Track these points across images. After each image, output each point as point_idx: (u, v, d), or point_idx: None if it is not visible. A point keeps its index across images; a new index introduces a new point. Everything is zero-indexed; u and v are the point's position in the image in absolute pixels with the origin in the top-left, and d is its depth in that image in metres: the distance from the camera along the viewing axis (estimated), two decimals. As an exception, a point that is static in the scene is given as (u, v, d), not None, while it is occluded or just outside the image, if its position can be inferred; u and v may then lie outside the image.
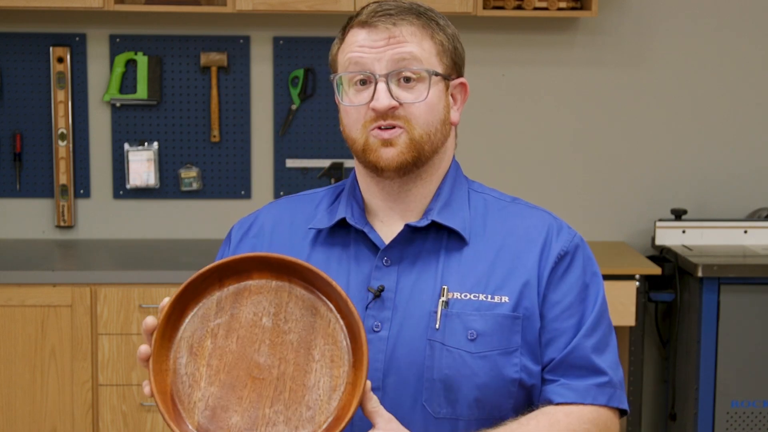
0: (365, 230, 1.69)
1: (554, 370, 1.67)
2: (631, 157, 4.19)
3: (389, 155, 1.64)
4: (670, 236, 4.07)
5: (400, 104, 1.63)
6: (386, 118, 1.63)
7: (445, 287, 1.64)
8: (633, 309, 3.69)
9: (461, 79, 1.73)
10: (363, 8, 1.69)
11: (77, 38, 4.04)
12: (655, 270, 3.77)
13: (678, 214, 4.08)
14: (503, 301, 1.65)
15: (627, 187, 4.21)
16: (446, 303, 1.64)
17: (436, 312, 1.64)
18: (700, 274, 3.70)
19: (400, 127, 1.64)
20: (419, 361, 1.63)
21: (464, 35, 1.56)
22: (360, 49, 1.65)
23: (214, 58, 4.06)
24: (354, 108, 1.66)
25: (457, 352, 1.63)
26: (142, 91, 4.05)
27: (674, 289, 3.89)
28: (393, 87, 1.64)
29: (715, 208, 4.22)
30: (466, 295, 1.65)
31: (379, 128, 1.64)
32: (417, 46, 1.65)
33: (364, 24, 1.66)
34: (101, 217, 4.12)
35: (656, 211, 4.19)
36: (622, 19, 4.14)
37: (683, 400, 3.90)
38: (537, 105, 4.17)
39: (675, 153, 4.20)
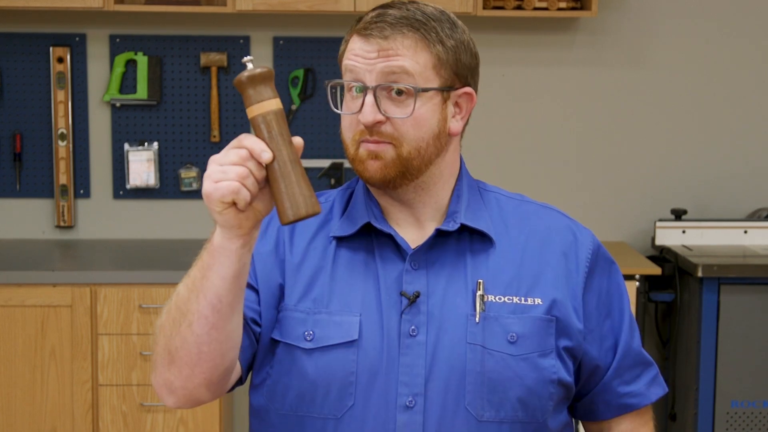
0: (392, 233, 1.68)
1: (609, 377, 1.73)
2: (631, 157, 4.19)
3: (373, 168, 1.63)
4: (670, 236, 4.07)
5: (387, 118, 1.62)
6: (373, 134, 1.63)
7: (480, 291, 1.64)
8: (633, 309, 3.67)
9: (466, 89, 1.71)
10: (368, 12, 1.67)
11: (77, 38, 4.04)
12: (655, 270, 3.77)
13: (678, 214, 4.08)
14: (537, 303, 1.66)
15: (627, 187, 4.20)
16: (483, 306, 1.64)
17: (473, 315, 1.64)
18: (700, 274, 3.70)
19: (388, 143, 1.63)
20: (461, 365, 1.62)
21: (464, 35, 1.58)
22: (355, 58, 1.64)
23: (214, 58, 4.06)
24: (347, 115, 1.66)
25: (499, 355, 1.63)
26: (142, 91, 4.05)
27: (674, 289, 3.89)
28: (382, 100, 1.62)
29: (715, 208, 4.22)
30: (500, 298, 1.65)
31: (367, 141, 1.64)
32: (410, 60, 1.62)
33: (360, 33, 1.65)
34: (101, 217, 4.12)
35: (656, 211, 4.19)
36: (622, 19, 4.13)
37: (683, 400, 3.90)
38: (537, 105, 4.17)
39: (675, 153, 4.20)
